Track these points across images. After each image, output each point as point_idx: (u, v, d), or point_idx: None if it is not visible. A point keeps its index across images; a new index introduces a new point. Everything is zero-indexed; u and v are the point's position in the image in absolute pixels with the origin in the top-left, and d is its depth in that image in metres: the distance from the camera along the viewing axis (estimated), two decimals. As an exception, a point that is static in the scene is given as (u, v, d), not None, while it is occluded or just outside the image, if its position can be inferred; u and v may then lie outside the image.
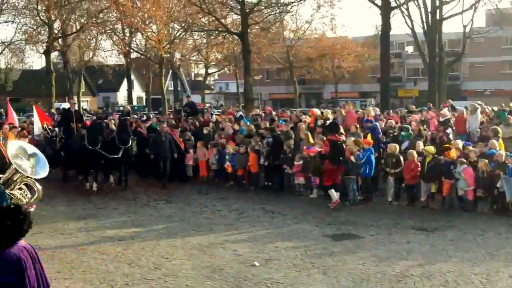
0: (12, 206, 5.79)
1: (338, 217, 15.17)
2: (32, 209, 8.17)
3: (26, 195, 8.47)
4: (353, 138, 17.64)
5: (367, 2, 40.46)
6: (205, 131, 22.15)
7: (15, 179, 8.26)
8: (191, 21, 44.54)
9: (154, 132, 21.81)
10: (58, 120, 24.10)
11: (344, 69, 65.32)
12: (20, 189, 8.47)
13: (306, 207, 16.48)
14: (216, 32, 45.92)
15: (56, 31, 46.48)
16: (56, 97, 47.75)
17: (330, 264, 10.99)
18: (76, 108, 24.36)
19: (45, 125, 22.29)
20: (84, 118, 24.34)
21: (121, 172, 19.84)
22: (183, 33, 50.06)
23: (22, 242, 5.71)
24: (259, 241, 12.91)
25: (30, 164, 8.32)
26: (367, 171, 16.84)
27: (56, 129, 22.09)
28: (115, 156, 18.84)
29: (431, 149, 16.56)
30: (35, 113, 23.54)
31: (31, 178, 8.51)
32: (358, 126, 19.24)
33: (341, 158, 16.43)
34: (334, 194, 16.28)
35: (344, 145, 16.95)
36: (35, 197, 8.61)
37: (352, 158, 16.69)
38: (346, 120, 20.89)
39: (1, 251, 5.57)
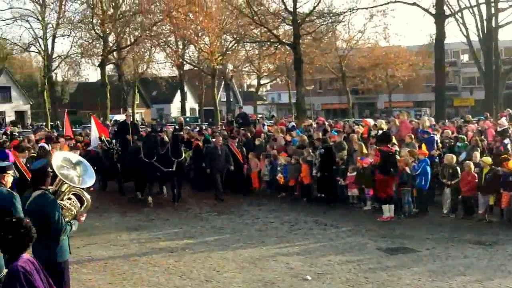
0: (13, 219, 5.80)
1: (393, 230, 14.84)
2: (82, 218, 8.18)
3: (75, 204, 8.48)
4: (407, 149, 17.30)
5: (421, 11, 40.06)
6: (257, 142, 22.08)
7: (63, 189, 8.27)
8: (243, 32, 44.73)
9: (208, 143, 21.89)
10: (114, 132, 24.25)
11: (398, 78, 64.49)
12: (69, 199, 8.49)
13: (360, 220, 16.18)
14: (268, 43, 45.93)
15: (110, 44, 47.17)
16: (111, 109, 48.41)
17: (385, 278, 10.72)
18: (132, 120, 24.28)
19: (102, 137, 22.47)
20: (140, 130, 24.33)
21: (174, 185, 19.55)
22: (235, 45, 50.34)
23: (25, 255, 5.74)
24: (312, 254, 12.71)
25: (77, 173, 8.30)
26: (423, 183, 16.44)
27: (113, 141, 22.22)
28: (170, 169, 18.75)
29: (488, 160, 16.07)
30: (93, 124, 23.70)
31: (79, 187, 8.53)
32: (412, 136, 18.85)
33: (392, 169, 16.15)
34: (387, 210, 16.01)
35: (396, 156, 16.66)
36: (84, 206, 8.63)
37: (407, 169, 16.36)
38: (400, 130, 20.53)
39: (9, 264, 5.61)
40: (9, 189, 8.21)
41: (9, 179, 8.36)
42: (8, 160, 16.02)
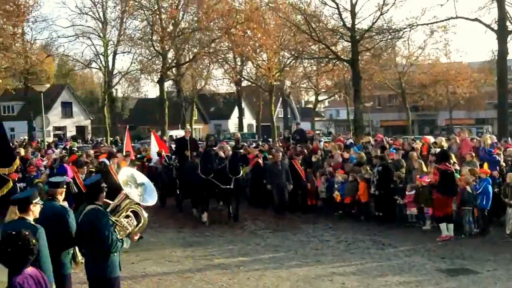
0: (13, 233, 5.75)
1: (453, 250, 14.38)
2: (136, 238, 8.16)
3: (132, 223, 8.49)
4: (468, 167, 16.82)
5: (483, 27, 39.18)
6: (313, 159, 21.83)
7: (122, 206, 8.29)
8: (301, 49, 44.68)
9: (267, 159, 21.73)
10: (174, 148, 24.07)
11: (459, 95, 63.44)
12: (127, 216, 8.50)
13: (419, 239, 15.76)
14: (326, 60, 45.76)
15: (169, 61, 47.75)
16: (169, 124, 48.92)
17: (444, 301, 10.38)
18: (190, 136, 23.61)
19: (162, 152, 22.38)
20: (198, 146, 23.64)
21: (231, 204, 18.98)
22: (293, 61, 50.28)
23: (28, 269, 5.69)
24: (368, 274, 12.42)
25: (139, 192, 8.34)
26: (484, 202, 15.93)
27: (174, 156, 21.92)
28: (228, 187, 18.33)
29: (552, 179, 15.47)
30: (152, 139, 23.61)
31: (139, 205, 8.53)
32: (473, 154, 18.34)
33: (452, 188, 15.74)
34: (445, 229, 15.58)
35: (456, 174, 16.24)
36: (140, 225, 8.61)
37: (468, 188, 15.89)
38: (461, 148, 20.04)
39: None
40: (62, 204, 8.26)
41: (63, 194, 8.40)
42: (66, 175, 16.30)
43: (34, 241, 5.74)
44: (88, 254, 7.81)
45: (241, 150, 20.24)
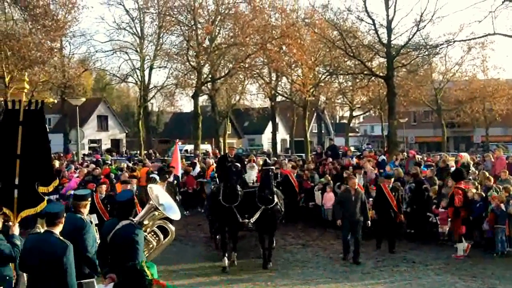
0: None
1: (484, 269, 14.16)
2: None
3: (155, 238, 8.55)
4: (502, 185, 16.59)
5: (521, 43, 38.75)
6: (344, 175, 21.67)
7: (149, 220, 8.34)
8: (336, 64, 44.60)
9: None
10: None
11: (496, 112, 62.52)
12: (151, 231, 8.57)
13: (450, 257, 15.53)
14: (361, 75, 45.58)
15: (204, 76, 47.98)
16: (203, 138, 49.12)
17: (473, 321, 10.20)
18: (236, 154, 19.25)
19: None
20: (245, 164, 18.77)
21: (261, 240, 15.18)
22: (328, 77, 50.18)
23: None
24: (397, 292, 12.30)
25: (162, 209, 8.39)
26: (518, 221, 15.67)
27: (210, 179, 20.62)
28: (246, 221, 14.57)
29: None
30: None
31: (165, 220, 8.60)
32: (507, 172, 18.08)
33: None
34: (461, 249, 15.54)
35: (493, 192, 16.07)
36: (168, 238, 8.68)
37: (502, 206, 15.65)
38: (495, 166, 19.77)
39: None
40: (83, 217, 8.29)
41: (87, 207, 8.44)
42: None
43: None
44: (120, 268, 7.64)
45: (272, 167, 15.98)
